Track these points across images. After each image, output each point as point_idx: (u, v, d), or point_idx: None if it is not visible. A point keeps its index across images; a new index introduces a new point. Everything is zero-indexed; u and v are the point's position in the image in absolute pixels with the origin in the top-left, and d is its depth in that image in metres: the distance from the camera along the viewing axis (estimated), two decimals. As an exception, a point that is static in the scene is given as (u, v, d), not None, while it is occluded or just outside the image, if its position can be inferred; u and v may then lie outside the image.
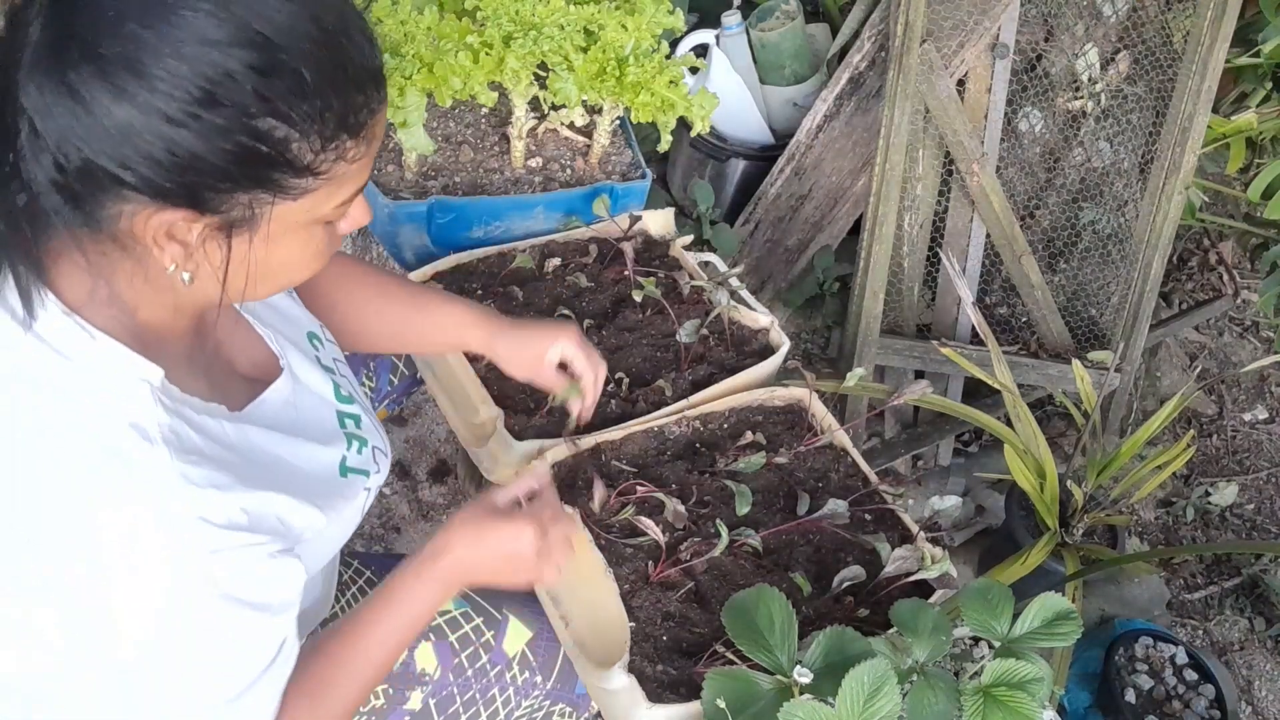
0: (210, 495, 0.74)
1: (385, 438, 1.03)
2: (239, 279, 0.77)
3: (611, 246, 1.51)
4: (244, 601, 0.77)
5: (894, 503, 1.27)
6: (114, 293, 0.75)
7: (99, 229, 0.71)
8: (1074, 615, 1.01)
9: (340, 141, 0.73)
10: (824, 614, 1.13)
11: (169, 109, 0.65)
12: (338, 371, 1.01)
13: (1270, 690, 2.04)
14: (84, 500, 0.71)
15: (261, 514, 0.79)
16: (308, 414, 0.93)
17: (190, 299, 0.79)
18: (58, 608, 0.72)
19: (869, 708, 0.87)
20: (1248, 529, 2.31)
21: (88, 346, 0.73)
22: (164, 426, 0.74)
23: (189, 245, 0.72)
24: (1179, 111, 1.95)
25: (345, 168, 0.74)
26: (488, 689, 1.14)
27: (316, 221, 0.77)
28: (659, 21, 1.46)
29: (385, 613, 0.93)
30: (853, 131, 2.12)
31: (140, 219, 0.69)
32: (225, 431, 0.81)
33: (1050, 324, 2.12)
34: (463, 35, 1.39)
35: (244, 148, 0.68)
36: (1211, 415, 2.53)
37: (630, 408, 1.30)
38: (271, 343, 0.93)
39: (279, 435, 0.87)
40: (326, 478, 0.91)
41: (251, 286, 0.78)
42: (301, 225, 0.76)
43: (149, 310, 0.77)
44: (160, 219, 0.69)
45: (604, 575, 1.09)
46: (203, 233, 0.71)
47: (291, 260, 0.79)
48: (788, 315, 2.33)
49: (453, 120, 1.65)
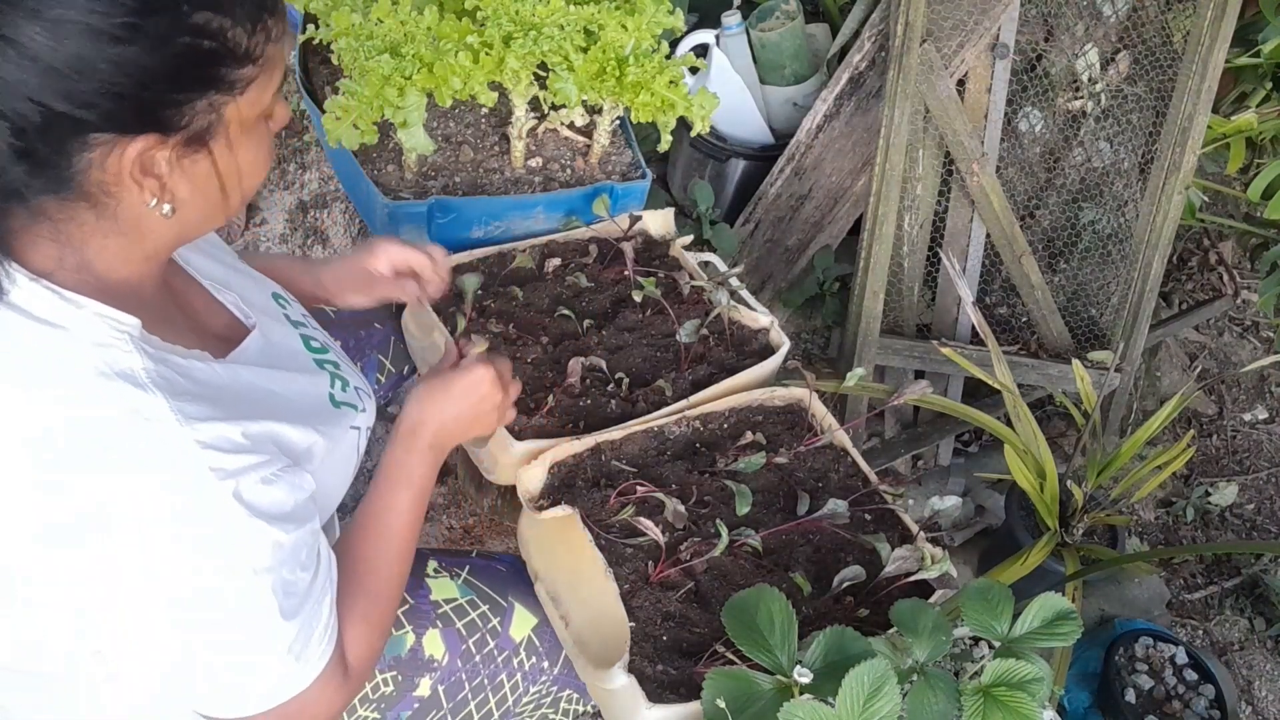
0: (211, 426, 0.76)
1: (366, 383, 1.05)
2: (208, 196, 0.79)
3: (611, 246, 1.51)
4: (267, 514, 0.78)
5: (894, 503, 1.27)
6: (83, 260, 0.76)
7: (68, 190, 0.71)
8: (1074, 615, 1.01)
9: (264, 20, 0.74)
10: (824, 614, 1.13)
11: (110, 27, 0.66)
12: (307, 325, 1.04)
13: (1270, 690, 2.04)
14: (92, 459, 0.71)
15: (262, 438, 0.81)
16: (286, 358, 0.95)
17: (162, 239, 0.80)
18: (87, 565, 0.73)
19: (869, 708, 0.87)
20: (1248, 529, 2.31)
21: (60, 307, 0.74)
22: (151, 372, 0.75)
23: (162, 176, 0.73)
24: (1179, 111, 1.96)
25: (274, 49, 0.76)
26: (495, 674, 1.14)
27: (262, 116, 0.79)
28: (659, 21, 1.47)
29: (393, 493, 0.97)
30: (853, 131, 2.12)
31: (111, 161, 0.70)
32: (215, 372, 0.82)
33: (1050, 324, 2.12)
34: (463, 35, 1.39)
35: (189, 48, 0.70)
36: (1211, 415, 2.54)
37: (630, 408, 1.30)
38: (235, 308, 0.95)
39: (268, 370, 0.89)
40: (318, 406, 0.93)
41: (221, 199, 0.80)
42: (252, 122, 0.78)
43: (121, 267, 0.78)
44: (130, 152, 0.70)
45: (604, 575, 1.09)
46: (171, 156, 0.73)
47: (254, 160, 0.81)
48: (788, 315, 2.33)
49: (453, 120, 1.65)
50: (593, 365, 1.32)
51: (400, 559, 0.97)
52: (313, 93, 1.59)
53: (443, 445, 1.02)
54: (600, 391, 1.32)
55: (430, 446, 1.00)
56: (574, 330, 1.39)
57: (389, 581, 0.96)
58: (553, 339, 1.37)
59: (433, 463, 1.01)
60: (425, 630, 1.12)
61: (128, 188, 0.73)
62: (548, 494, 1.18)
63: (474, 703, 1.14)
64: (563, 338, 1.38)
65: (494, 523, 1.95)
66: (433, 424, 1.00)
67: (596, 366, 1.32)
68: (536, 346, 1.35)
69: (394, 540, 0.97)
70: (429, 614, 1.14)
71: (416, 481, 0.99)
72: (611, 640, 1.06)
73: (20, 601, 0.75)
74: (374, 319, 1.44)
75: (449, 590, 1.17)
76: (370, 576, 0.95)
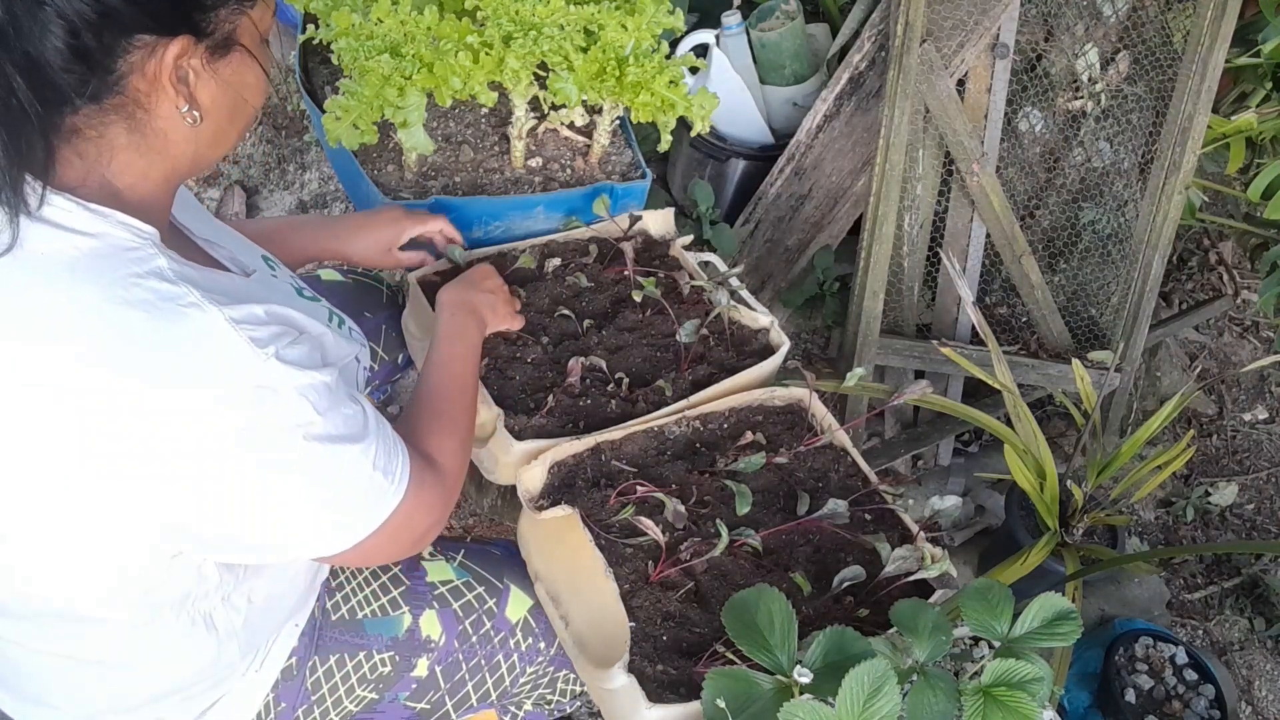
0: (238, 308, 0.80)
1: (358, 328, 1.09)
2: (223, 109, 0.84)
3: (611, 246, 1.51)
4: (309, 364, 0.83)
5: (894, 503, 1.27)
6: (104, 179, 0.80)
7: (107, 96, 0.75)
8: (1074, 615, 1.01)
9: None
10: (824, 614, 1.13)
11: None
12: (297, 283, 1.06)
13: (1270, 690, 2.04)
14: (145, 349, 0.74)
15: (279, 316, 0.85)
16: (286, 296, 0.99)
17: (181, 157, 0.84)
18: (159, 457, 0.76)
19: (869, 708, 0.87)
20: (1248, 529, 2.31)
21: (87, 218, 0.77)
22: (176, 270, 0.79)
23: (191, 84, 0.79)
24: (1179, 111, 1.96)
25: None
26: (492, 655, 1.15)
27: (263, 36, 0.85)
28: (659, 21, 1.46)
29: (450, 345, 1.16)
30: (853, 131, 2.12)
31: (151, 65, 0.75)
32: (232, 280, 0.88)
33: (1050, 324, 2.12)
34: (463, 35, 1.39)
35: None
36: (1211, 415, 2.54)
37: (630, 408, 1.30)
38: (231, 263, 0.97)
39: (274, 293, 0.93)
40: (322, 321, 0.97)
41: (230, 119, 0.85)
42: (258, 40, 0.84)
43: (140, 185, 0.82)
44: (169, 55, 0.76)
45: (604, 575, 1.09)
46: (199, 64, 0.79)
47: (254, 81, 0.86)
48: (788, 315, 2.33)
49: (453, 120, 1.65)
50: (593, 365, 1.32)
51: (468, 389, 1.13)
52: (313, 93, 1.59)
53: (473, 313, 1.23)
54: (600, 391, 1.32)
55: (465, 313, 1.21)
56: (574, 330, 1.39)
57: (463, 406, 1.11)
58: (553, 339, 1.37)
59: (474, 325, 1.21)
60: (422, 611, 1.13)
61: (162, 93, 0.77)
62: (548, 494, 1.18)
63: (471, 683, 1.14)
64: (563, 338, 1.38)
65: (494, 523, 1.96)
66: (456, 301, 1.22)
67: (596, 366, 1.32)
68: (536, 346, 1.35)
69: (460, 375, 1.13)
70: (425, 595, 1.14)
71: (468, 335, 1.19)
72: (611, 640, 1.06)
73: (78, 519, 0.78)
74: (365, 309, 1.45)
75: (445, 572, 1.18)
76: (445, 402, 1.09)
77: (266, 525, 0.84)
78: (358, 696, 1.10)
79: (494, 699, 1.18)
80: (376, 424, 0.90)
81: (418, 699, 1.13)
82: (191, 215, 0.99)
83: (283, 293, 0.98)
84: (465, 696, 1.15)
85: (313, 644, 1.09)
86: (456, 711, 1.16)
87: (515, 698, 1.21)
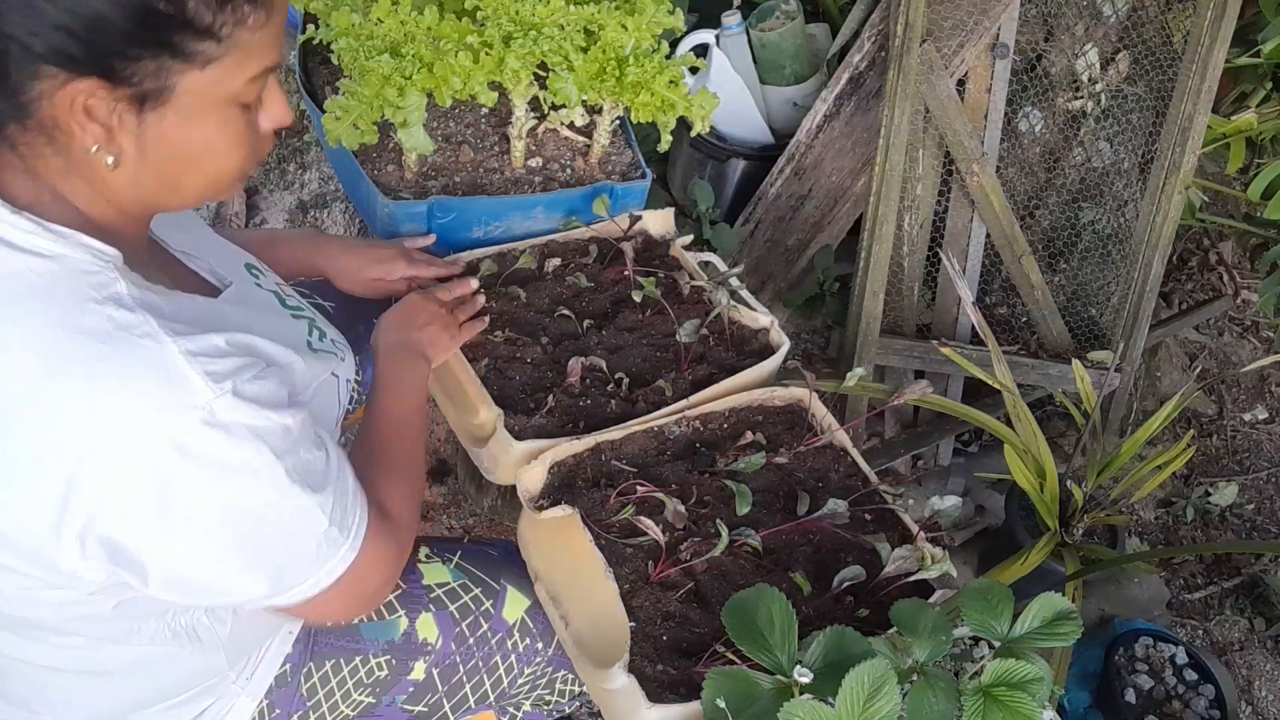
0: (197, 338, 0.77)
1: (343, 338, 1.07)
2: (162, 164, 0.78)
3: (611, 246, 1.51)
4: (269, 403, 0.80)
5: (894, 503, 1.27)
6: (57, 193, 0.77)
7: (25, 116, 0.72)
8: (1074, 615, 1.01)
9: (237, 5, 0.74)
10: (824, 614, 1.13)
11: None
12: (281, 291, 1.05)
13: (1270, 690, 2.04)
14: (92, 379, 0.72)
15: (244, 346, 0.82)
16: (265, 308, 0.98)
17: (123, 194, 0.79)
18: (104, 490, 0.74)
19: (869, 708, 0.87)
20: (1248, 529, 2.31)
21: (44, 237, 0.75)
22: (136, 296, 0.76)
23: (108, 125, 0.73)
24: (1179, 111, 1.95)
25: (247, 35, 0.75)
26: (490, 657, 1.15)
27: (230, 101, 0.78)
28: (659, 21, 1.46)
29: (392, 398, 1.09)
30: (853, 131, 2.12)
31: (60, 97, 0.71)
32: (197, 304, 0.85)
33: (1050, 324, 2.12)
34: (463, 35, 1.39)
35: (143, 5, 0.69)
36: (1211, 415, 2.53)
37: (630, 408, 1.30)
38: (209, 275, 0.95)
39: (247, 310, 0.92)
40: (298, 345, 0.94)
41: (178, 176, 0.80)
42: (215, 102, 0.77)
43: (94, 208, 0.79)
44: (73, 90, 0.70)
45: (604, 575, 1.09)
46: (118, 108, 0.73)
47: (214, 143, 0.79)
48: (788, 315, 2.33)
49: (453, 120, 1.65)
50: (593, 365, 1.32)
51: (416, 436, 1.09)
52: (313, 93, 1.59)
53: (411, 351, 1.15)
54: (600, 391, 1.32)
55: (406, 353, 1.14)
56: (574, 330, 1.39)
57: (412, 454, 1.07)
58: (553, 339, 1.37)
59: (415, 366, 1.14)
60: (418, 614, 1.13)
61: (75, 127, 0.73)
62: (548, 494, 1.18)
63: (469, 685, 1.14)
64: (563, 338, 1.38)
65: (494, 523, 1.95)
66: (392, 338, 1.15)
67: (596, 366, 1.32)
68: (536, 346, 1.35)
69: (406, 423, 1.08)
70: (422, 598, 1.14)
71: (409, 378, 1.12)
72: (611, 640, 1.06)
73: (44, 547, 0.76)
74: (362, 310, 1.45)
75: (441, 574, 1.17)
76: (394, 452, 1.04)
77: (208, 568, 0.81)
78: (354, 701, 1.09)
79: (492, 700, 1.17)
80: (338, 473, 0.88)
81: (415, 702, 1.12)
82: (170, 225, 0.97)
83: (262, 303, 0.97)
84: (463, 698, 1.15)
85: (307, 650, 1.08)
86: (455, 713, 1.16)
87: (514, 699, 1.20)
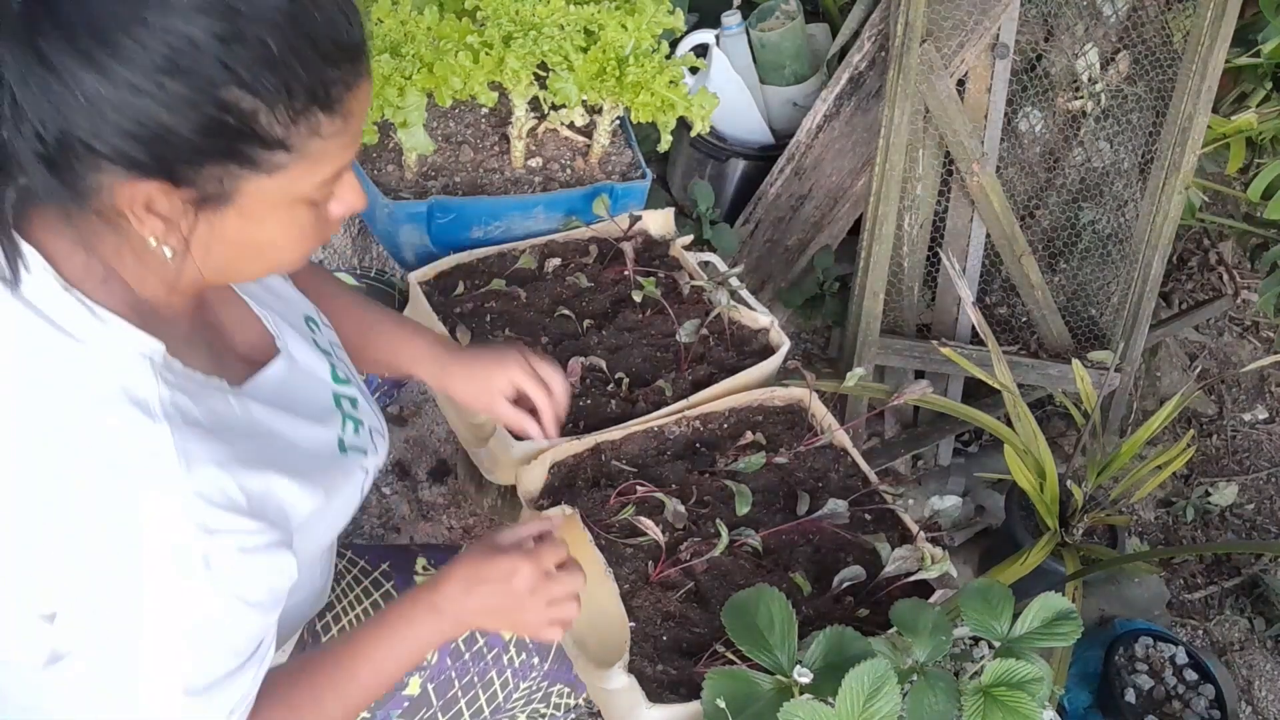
0: (211, 472, 0.74)
1: (382, 421, 1.02)
2: (222, 256, 0.76)
3: (611, 246, 1.51)
4: (233, 593, 0.76)
5: (894, 503, 1.27)
6: (109, 269, 0.75)
7: (84, 203, 0.70)
8: (1074, 615, 1.01)
9: (312, 115, 0.70)
10: (824, 614, 1.13)
11: (135, 78, 0.64)
12: (334, 354, 1.01)
13: (1270, 690, 2.04)
14: (83, 482, 0.71)
15: (261, 496, 0.78)
16: (304, 393, 0.93)
17: (186, 278, 0.78)
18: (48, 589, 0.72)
19: (869, 708, 0.87)
20: (1248, 529, 2.31)
21: (87, 321, 0.73)
22: (165, 401, 0.73)
23: (169, 219, 0.71)
24: (1179, 111, 1.95)
25: (320, 144, 0.72)
26: (485, 672, 1.14)
27: (299, 200, 0.75)
28: (659, 21, 1.46)
29: (379, 644, 0.92)
30: (853, 131, 2.12)
31: (119, 191, 0.69)
32: (229, 405, 0.81)
33: (1050, 324, 2.12)
34: (463, 35, 1.39)
35: (210, 118, 0.67)
36: (1211, 415, 2.54)
37: (630, 408, 1.30)
38: (268, 324, 0.93)
39: (279, 411, 0.86)
40: (326, 455, 0.91)
41: (238, 265, 0.78)
42: (282, 203, 0.74)
43: (145, 286, 0.77)
44: (136, 190, 0.69)
45: (604, 575, 1.09)
46: (180, 206, 0.71)
47: (277, 240, 0.77)
48: (788, 315, 2.33)
49: (453, 120, 1.65)
50: (593, 365, 1.32)
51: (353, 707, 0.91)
52: (313, 93, 1.59)
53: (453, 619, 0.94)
54: (600, 391, 1.32)
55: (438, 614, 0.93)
56: (574, 330, 1.39)
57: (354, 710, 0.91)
58: (553, 339, 1.37)
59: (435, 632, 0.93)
60: None
61: (133, 219, 0.71)
62: (548, 494, 1.18)
63: (464, 700, 1.14)
64: (563, 338, 1.38)
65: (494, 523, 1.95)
66: (449, 593, 0.93)
67: (596, 366, 1.32)
68: (536, 346, 1.35)
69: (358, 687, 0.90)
70: None
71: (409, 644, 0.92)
72: (611, 640, 1.06)
73: None
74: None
75: None
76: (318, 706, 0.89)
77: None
78: None
79: (487, 715, 1.16)
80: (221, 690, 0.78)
81: (410, 717, 1.11)
82: None
83: (305, 383, 0.92)
84: (458, 714, 1.14)
85: None
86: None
87: (509, 713, 1.20)
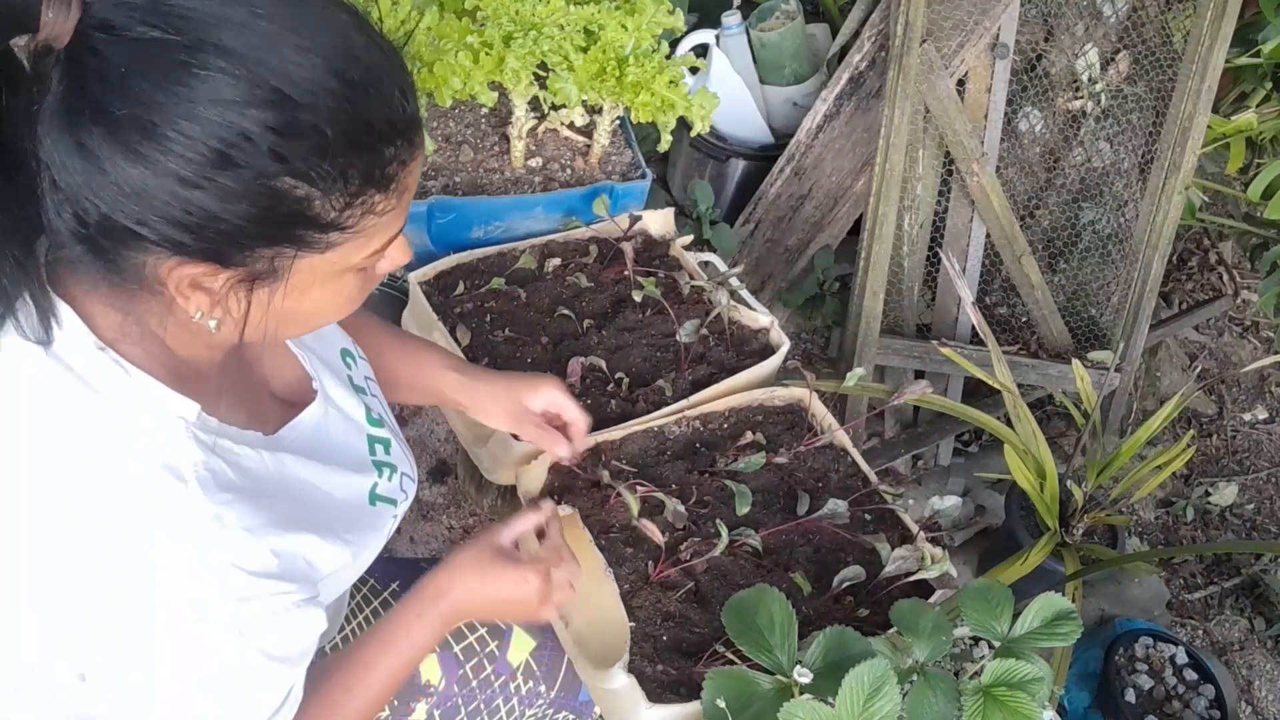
0: (243, 539, 0.73)
1: (413, 462, 1.01)
2: (267, 324, 0.75)
3: (611, 246, 1.51)
4: (265, 653, 0.76)
5: (894, 503, 1.27)
6: (146, 330, 0.74)
7: (121, 277, 0.69)
8: (1074, 615, 1.01)
9: (367, 197, 0.69)
10: (824, 614, 1.13)
11: (182, 171, 0.63)
12: (369, 391, 0.99)
13: (1270, 690, 2.04)
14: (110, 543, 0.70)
15: (292, 557, 0.78)
16: (339, 439, 0.92)
17: (223, 339, 0.77)
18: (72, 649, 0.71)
19: (869, 708, 0.87)
20: (1248, 529, 2.31)
21: (122, 382, 0.72)
22: (198, 464, 0.73)
23: (214, 293, 0.70)
24: (1179, 111, 1.95)
25: (374, 220, 0.71)
26: (492, 699, 1.14)
27: (348, 270, 0.74)
28: (659, 21, 1.47)
29: (384, 653, 0.92)
30: (853, 131, 2.12)
31: (164, 269, 0.68)
32: (262, 461, 0.80)
33: (1050, 324, 2.12)
34: (463, 35, 1.39)
35: (262, 208, 0.65)
36: (1211, 415, 2.54)
37: (630, 408, 1.30)
38: (306, 364, 0.92)
39: (313, 463, 0.85)
40: (357, 507, 0.90)
41: (282, 330, 0.77)
42: (331, 276, 0.73)
43: (182, 347, 0.76)
44: (183, 271, 0.67)
45: (604, 575, 1.09)
46: (227, 283, 0.69)
47: (322, 307, 0.77)
48: (788, 315, 2.33)
49: (453, 120, 1.65)
50: (593, 365, 1.32)
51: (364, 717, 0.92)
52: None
53: (457, 620, 0.96)
54: (600, 391, 1.32)
55: (444, 620, 0.95)
56: (574, 330, 1.39)
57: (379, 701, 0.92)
58: (553, 339, 1.37)
59: (439, 634, 0.95)
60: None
61: (176, 296, 0.70)
62: (548, 494, 1.18)
63: None
64: (563, 338, 1.38)
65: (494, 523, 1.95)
66: (455, 600, 0.95)
67: (596, 366, 1.32)
68: (536, 346, 1.35)
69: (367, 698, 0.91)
70: None
71: (414, 650, 0.93)
72: (611, 640, 1.06)
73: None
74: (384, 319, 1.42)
75: None
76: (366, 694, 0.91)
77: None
78: None
79: None
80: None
81: None
82: None
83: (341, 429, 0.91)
84: None
85: None
86: None
87: None
